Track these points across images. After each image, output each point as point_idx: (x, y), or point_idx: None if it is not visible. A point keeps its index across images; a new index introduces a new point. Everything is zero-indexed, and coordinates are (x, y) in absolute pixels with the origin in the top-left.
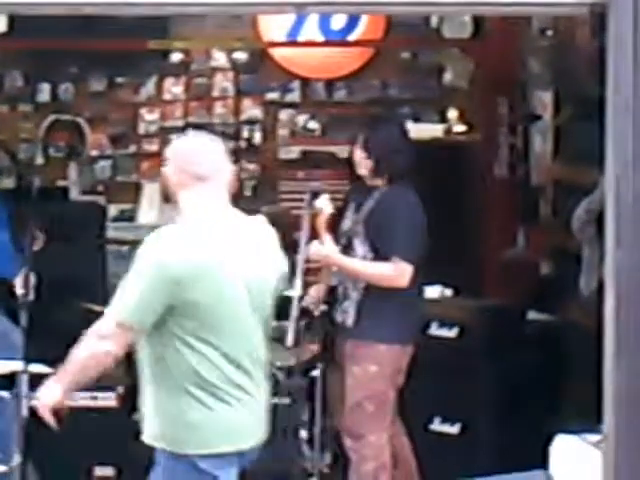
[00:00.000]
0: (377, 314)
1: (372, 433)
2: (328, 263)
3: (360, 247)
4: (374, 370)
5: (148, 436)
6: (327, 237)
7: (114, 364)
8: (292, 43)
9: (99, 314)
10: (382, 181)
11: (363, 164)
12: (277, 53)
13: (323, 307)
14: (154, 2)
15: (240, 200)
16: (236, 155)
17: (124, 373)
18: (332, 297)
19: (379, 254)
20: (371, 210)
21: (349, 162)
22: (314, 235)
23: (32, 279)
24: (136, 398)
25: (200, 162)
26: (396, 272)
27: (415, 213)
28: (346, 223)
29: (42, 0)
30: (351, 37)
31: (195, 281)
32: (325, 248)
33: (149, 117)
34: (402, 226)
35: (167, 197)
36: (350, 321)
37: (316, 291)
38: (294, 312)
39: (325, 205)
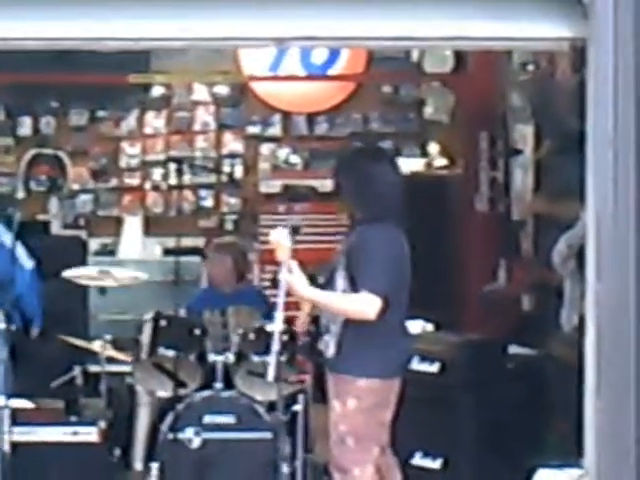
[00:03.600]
0: (357, 348)
1: (357, 466)
2: (293, 293)
3: (341, 280)
4: (353, 405)
5: None
6: (294, 267)
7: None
8: (273, 77)
9: (80, 348)
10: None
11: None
12: (258, 87)
13: (306, 338)
14: (134, 37)
15: (221, 234)
16: (217, 189)
17: (106, 407)
18: (315, 328)
19: (355, 288)
20: (351, 243)
21: (331, 195)
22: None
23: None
24: (118, 433)
25: None
26: (363, 304)
27: (389, 247)
28: (334, 256)
29: (23, 35)
30: (332, 71)
31: None
32: (290, 277)
33: (130, 151)
34: (372, 259)
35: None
36: (330, 354)
37: (300, 323)
38: (275, 346)
39: (280, 237)
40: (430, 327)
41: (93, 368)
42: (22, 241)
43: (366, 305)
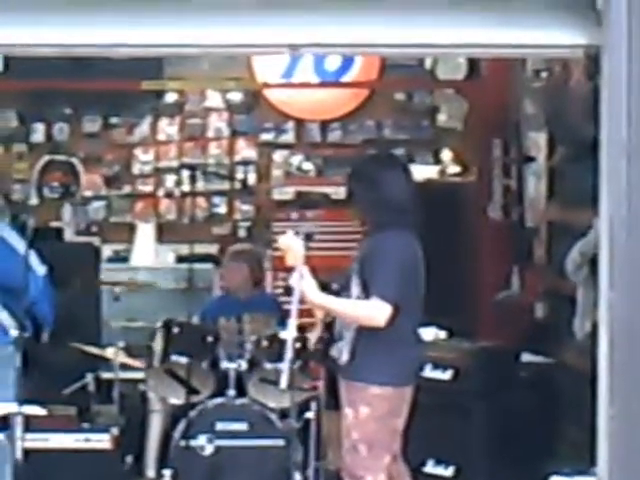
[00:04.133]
0: (370, 355)
1: (369, 473)
2: (304, 299)
3: (355, 287)
4: (366, 412)
5: None
6: (305, 272)
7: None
8: (287, 84)
9: (92, 355)
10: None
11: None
12: (271, 94)
13: (319, 345)
14: (147, 44)
15: (234, 241)
16: (230, 196)
17: (118, 414)
18: (329, 334)
19: (368, 294)
20: (364, 250)
21: (344, 202)
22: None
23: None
24: (130, 440)
25: None
26: (372, 311)
27: (402, 253)
28: (350, 264)
29: (37, 42)
30: (346, 78)
31: None
32: (301, 282)
33: (143, 157)
34: (384, 266)
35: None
36: (344, 360)
37: (314, 329)
38: (288, 354)
39: (290, 242)
40: (443, 334)
41: (106, 375)
42: (35, 248)
43: (376, 311)
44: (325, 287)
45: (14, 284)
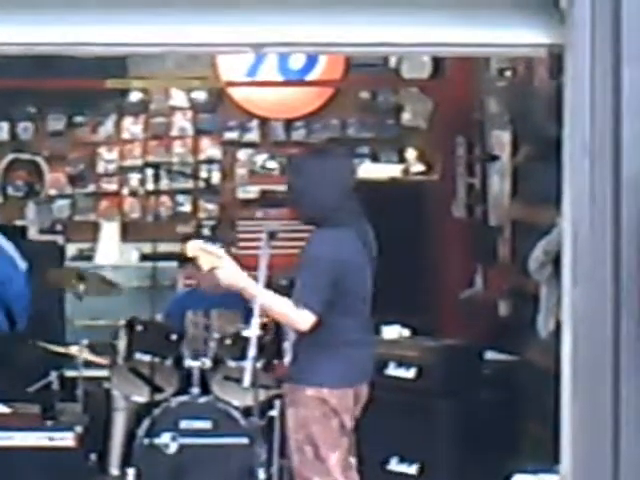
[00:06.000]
0: (309, 356)
1: (317, 475)
2: (236, 287)
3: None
4: (303, 413)
5: None
6: (230, 264)
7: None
8: (251, 83)
9: (56, 353)
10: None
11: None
12: (236, 93)
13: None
14: (112, 42)
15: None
16: (194, 194)
17: (82, 412)
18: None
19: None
20: (302, 249)
21: None
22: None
23: None
24: (94, 438)
25: None
26: (296, 316)
27: (334, 252)
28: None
29: (0, 40)
30: (310, 77)
31: None
32: (230, 274)
33: (108, 156)
34: (309, 270)
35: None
36: (286, 361)
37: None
38: (251, 352)
39: (195, 249)
40: (407, 332)
41: (70, 373)
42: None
43: (299, 318)
44: (270, 285)
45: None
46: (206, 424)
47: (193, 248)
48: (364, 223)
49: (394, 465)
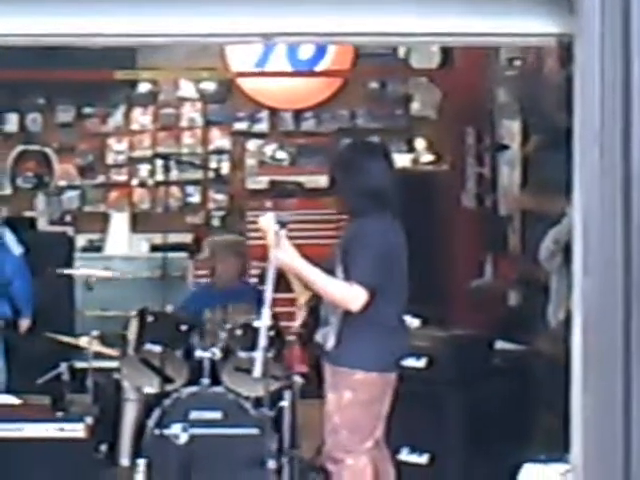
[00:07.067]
0: (356, 341)
1: (350, 457)
2: (291, 267)
3: (340, 274)
4: (349, 397)
5: None
6: (283, 239)
7: None
8: (260, 73)
9: (66, 344)
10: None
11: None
12: (245, 83)
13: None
14: (121, 33)
15: (208, 230)
16: (204, 185)
17: (92, 403)
18: (313, 319)
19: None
20: (347, 236)
21: (318, 191)
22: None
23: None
24: (104, 429)
25: None
26: (349, 293)
27: (384, 238)
28: (333, 251)
29: (9, 31)
30: (319, 67)
31: None
32: (278, 250)
33: (117, 147)
34: (364, 251)
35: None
36: (330, 346)
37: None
38: (262, 342)
39: (269, 223)
40: (417, 322)
41: (80, 364)
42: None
43: (352, 295)
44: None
45: None
46: (216, 415)
47: (267, 220)
48: (400, 211)
49: (405, 455)
